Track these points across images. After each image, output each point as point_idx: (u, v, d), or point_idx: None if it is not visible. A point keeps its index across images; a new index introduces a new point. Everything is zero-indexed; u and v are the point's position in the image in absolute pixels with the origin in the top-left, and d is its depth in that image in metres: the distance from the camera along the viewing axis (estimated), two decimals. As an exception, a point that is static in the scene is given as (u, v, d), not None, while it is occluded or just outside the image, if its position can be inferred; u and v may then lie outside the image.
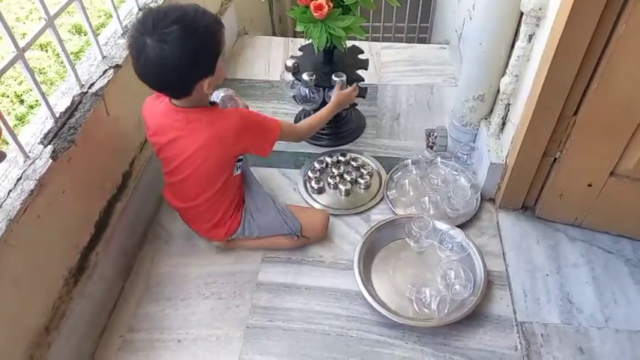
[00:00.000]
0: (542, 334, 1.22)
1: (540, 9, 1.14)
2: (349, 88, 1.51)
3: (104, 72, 1.27)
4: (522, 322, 1.25)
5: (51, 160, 1.03)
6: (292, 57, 1.63)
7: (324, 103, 1.56)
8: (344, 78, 1.52)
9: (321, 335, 1.24)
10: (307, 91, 1.60)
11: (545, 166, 1.35)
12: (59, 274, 1.10)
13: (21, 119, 2.29)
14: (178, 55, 1.00)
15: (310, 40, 1.47)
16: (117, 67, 1.29)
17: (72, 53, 2.54)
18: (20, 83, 2.47)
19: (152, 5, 1.51)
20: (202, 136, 1.15)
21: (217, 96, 1.44)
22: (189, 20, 1.01)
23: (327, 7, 1.34)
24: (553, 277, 1.33)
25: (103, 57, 1.30)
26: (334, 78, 1.52)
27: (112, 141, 1.31)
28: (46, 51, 2.63)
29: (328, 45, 1.45)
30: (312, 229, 1.39)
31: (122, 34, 1.39)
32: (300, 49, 1.70)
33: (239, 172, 1.32)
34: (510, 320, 1.25)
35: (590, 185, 1.31)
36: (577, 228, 1.43)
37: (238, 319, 1.27)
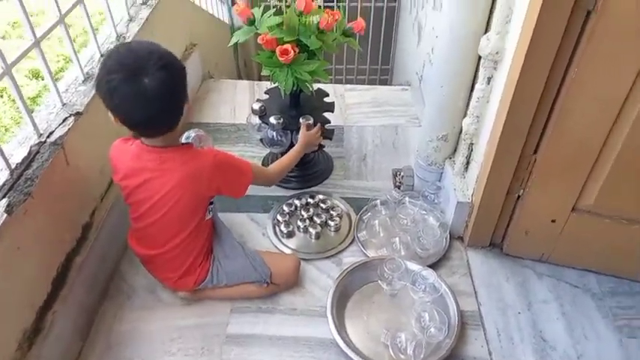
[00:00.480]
0: (518, 375, 1.21)
1: (497, 53, 1.20)
2: (314, 129, 1.54)
3: (64, 120, 1.23)
4: (498, 363, 1.24)
5: (5, 215, 0.98)
6: (259, 100, 1.64)
7: (291, 146, 1.56)
8: (311, 120, 1.54)
9: (296, 388, 1.19)
10: (275, 134, 1.60)
11: (510, 204, 1.38)
12: (12, 338, 1.02)
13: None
14: (173, 80, 1.05)
15: (276, 84, 1.49)
16: (77, 114, 1.25)
17: (29, 98, 2.46)
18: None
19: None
20: (176, 175, 1.14)
21: (188, 136, 1.42)
22: (159, 49, 1.06)
23: (292, 52, 1.36)
24: (525, 314, 1.34)
25: (63, 104, 1.26)
26: (301, 120, 1.53)
27: (72, 191, 1.25)
28: (1, 96, 2.55)
29: (294, 88, 1.46)
30: (282, 274, 1.35)
31: (83, 81, 1.36)
32: (266, 92, 1.71)
33: (210, 215, 1.29)
34: (486, 361, 1.24)
35: (553, 221, 1.34)
36: (544, 263, 1.45)
37: (207, 375, 1.21)
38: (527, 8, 1.04)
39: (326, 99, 1.68)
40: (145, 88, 1.00)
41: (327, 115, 1.63)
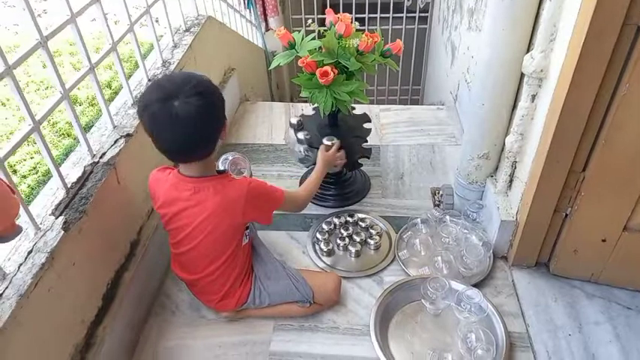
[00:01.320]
0: (572, 399, 1.17)
1: (542, 71, 1.19)
2: (332, 149, 1.51)
3: (115, 141, 1.27)
4: (550, 387, 1.19)
5: (62, 232, 1.01)
6: (297, 116, 1.67)
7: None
8: (334, 140, 1.53)
9: (341, 409, 1.17)
10: (302, 149, 1.61)
11: (557, 222, 1.35)
12: (65, 352, 1.05)
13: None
14: (207, 107, 1.05)
15: (315, 105, 1.51)
16: (128, 135, 1.30)
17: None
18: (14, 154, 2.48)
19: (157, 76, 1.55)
20: (210, 205, 1.15)
21: (226, 159, 1.45)
22: (197, 77, 1.08)
23: (332, 73, 1.39)
24: (575, 336, 1.29)
25: (114, 127, 1.31)
26: (325, 142, 1.53)
27: (122, 210, 1.30)
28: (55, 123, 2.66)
29: (333, 109, 1.49)
30: (324, 294, 1.35)
31: (132, 104, 1.41)
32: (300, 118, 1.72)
33: (247, 239, 1.30)
34: (537, 385, 1.20)
35: (604, 240, 1.30)
36: (593, 284, 1.40)
37: (251, 393, 1.21)
38: (574, 25, 1.04)
39: (365, 125, 1.68)
40: (176, 112, 1.02)
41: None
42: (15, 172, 2.37)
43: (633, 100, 1.05)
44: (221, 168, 1.23)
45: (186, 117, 1.02)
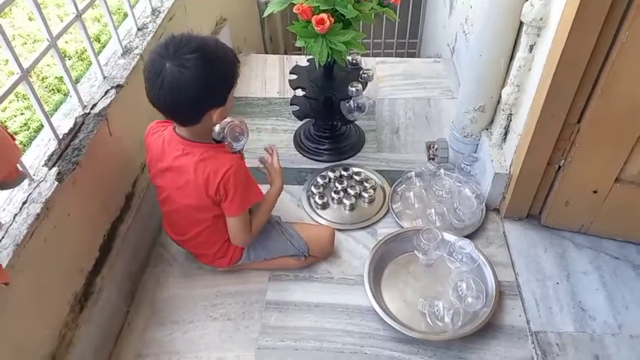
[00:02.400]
0: (557, 344, 1.21)
1: (541, 19, 1.16)
2: (274, 157, 1.35)
3: (106, 92, 1.25)
4: (537, 332, 1.23)
5: (57, 183, 1.01)
6: (292, 72, 1.64)
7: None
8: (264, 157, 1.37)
9: (335, 353, 1.21)
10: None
11: (550, 175, 1.36)
12: (65, 301, 1.07)
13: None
14: (196, 81, 1.00)
15: (310, 56, 1.48)
16: (118, 87, 1.27)
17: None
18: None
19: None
20: (190, 173, 1.12)
21: (226, 123, 1.35)
22: (210, 49, 1.02)
23: (328, 21, 1.35)
24: (563, 285, 1.33)
25: (104, 77, 1.29)
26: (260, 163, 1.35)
27: (115, 162, 1.29)
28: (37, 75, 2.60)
29: (329, 60, 1.46)
30: (319, 246, 1.37)
31: (122, 54, 1.37)
32: (291, 72, 1.69)
33: None
34: (524, 330, 1.24)
35: (595, 192, 1.32)
36: (583, 235, 1.43)
37: (249, 340, 1.24)
38: (576, -30, 1.01)
39: (360, 76, 1.64)
40: (164, 73, 0.99)
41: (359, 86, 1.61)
42: (6, 128, 2.34)
43: (632, 49, 1.03)
44: (217, 130, 1.19)
45: (170, 81, 0.99)
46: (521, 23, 1.26)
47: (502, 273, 1.35)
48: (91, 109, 1.20)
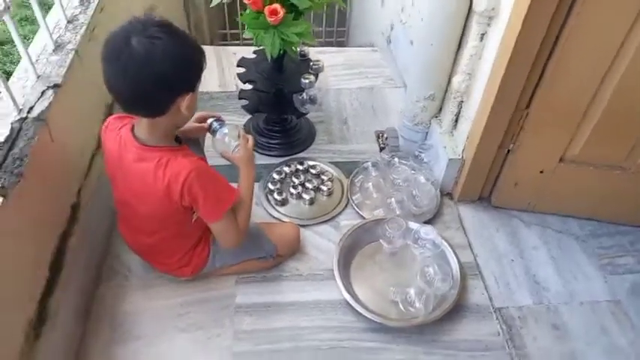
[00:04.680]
0: (519, 317, 1.29)
1: (493, 9, 1.21)
2: (250, 140, 1.22)
3: (42, 93, 1.12)
4: (499, 308, 1.31)
5: (1, 198, 0.89)
6: (240, 65, 1.58)
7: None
8: (242, 132, 1.21)
9: (313, 351, 1.20)
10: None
11: (500, 158, 1.43)
12: (19, 329, 0.95)
13: None
14: (169, 54, 0.91)
15: (260, 47, 1.43)
16: (56, 86, 1.14)
17: None
18: None
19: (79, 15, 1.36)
20: (148, 181, 1.03)
21: (215, 128, 1.19)
22: (178, 28, 0.96)
23: (281, 12, 1.31)
24: (517, 261, 1.41)
25: (38, 76, 1.15)
26: (222, 131, 1.17)
27: (58, 170, 1.16)
28: None
29: (280, 52, 1.41)
30: (286, 245, 1.34)
31: (54, 50, 1.24)
32: (239, 65, 1.62)
33: (196, 216, 1.13)
34: (488, 308, 1.31)
35: (542, 172, 1.41)
36: (530, 213, 1.53)
37: (222, 347, 1.19)
38: (528, -38, 1.05)
39: (310, 67, 1.62)
40: (130, 48, 0.89)
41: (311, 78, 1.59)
42: None
43: (579, 36, 1.11)
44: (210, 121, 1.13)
45: (142, 54, 0.89)
46: (470, 12, 1.31)
47: (462, 254, 1.41)
48: (28, 112, 1.07)
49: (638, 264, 1.42)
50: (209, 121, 1.19)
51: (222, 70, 2.06)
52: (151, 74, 0.91)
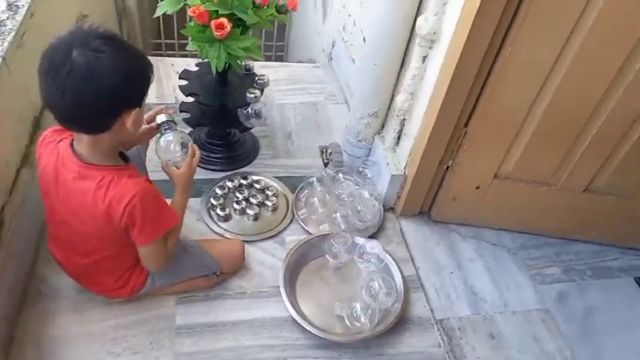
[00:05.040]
0: (459, 328, 1.33)
1: (435, 33, 1.26)
2: (197, 153, 1.18)
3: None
4: (440, 320, 1.34)
5: None
6: (182, 77, 1.53)
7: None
8: (190, 142, 1.16)
9: (259, 371, 1.17)
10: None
11: (440, 174, 1.49)
12: None
13: None
14: (115, 67, 0.86)
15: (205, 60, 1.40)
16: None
17: None
18: None
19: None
20: (88, 201, 0.97)
21: (167, 139, 1.10)
22: (123, 40, 0.92)
23: (228, 26, 1.29)
24: (456, 273, 1.47)
25: (-43, 82, 1.05)
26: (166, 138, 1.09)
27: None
28: None
29: (225, 65, 1.39)
30: (230, 262, 1.31)
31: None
32: (181, 76, 1.58)
33: None
34: (430, 320, 1.34)
35: (478, 187, 1.48)
36: (466, 226, 1.60)
37: (162, 372, 1.13)
38: (467, -10, 1.11)
39: (255, 82, 1.60)
40: (72, 61, 0.84)
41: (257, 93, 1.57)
42: None
43: (514, 62, 1.18)
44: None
45: (85, 68, 0.84)
46: (412, 35, 1.36)
47: (404, 268, 1.44)
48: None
49: (563, 274, 1.52)
50: (159, 118, 1.10)
51: (160, 80, 1.99)
52: (94, 90, 0.86)
